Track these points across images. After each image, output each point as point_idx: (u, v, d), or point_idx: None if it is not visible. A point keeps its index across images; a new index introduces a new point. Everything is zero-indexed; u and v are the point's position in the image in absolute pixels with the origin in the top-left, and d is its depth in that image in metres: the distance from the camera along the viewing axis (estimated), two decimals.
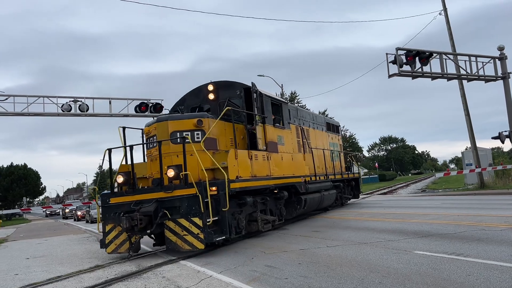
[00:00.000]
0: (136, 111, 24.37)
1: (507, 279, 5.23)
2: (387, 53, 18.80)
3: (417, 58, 18.94)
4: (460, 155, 44.02)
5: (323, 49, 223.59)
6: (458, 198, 21.30)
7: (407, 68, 18.99)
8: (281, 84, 38.40)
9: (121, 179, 9.85)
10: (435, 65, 19.92)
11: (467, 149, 37.86)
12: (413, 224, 11.25)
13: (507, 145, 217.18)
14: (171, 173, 9.04)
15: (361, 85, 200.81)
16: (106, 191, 10.64)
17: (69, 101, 24.05)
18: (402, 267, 6.34)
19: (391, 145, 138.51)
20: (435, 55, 19.77)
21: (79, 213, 34.38)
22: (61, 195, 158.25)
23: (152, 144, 10.49)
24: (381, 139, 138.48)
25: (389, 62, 18.73)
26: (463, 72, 21.26)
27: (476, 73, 21.26)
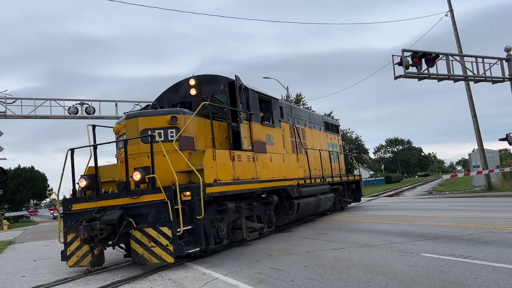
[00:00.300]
0: None
1: None
2: (393, 55, 18.78)
3: (423, 59, 18.89)
4: (467, 157, 43.67)
5: (329, 50, 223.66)
6: (465, 200, 21.15)
7: (413, 69, 18.94)
8: (287, 86, 38.46)
9: (83, 183, 8.80)
10: (441, 67, 19.87)
11: (474, 151, 37.55)
12: (419, 226, 11.18)
13: None
14: (137, 176, 8.00)
15: (367, 87, 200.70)
16: (70, 197, 9.41)
17: (76, 104, 24.28)
18: (408, 270, 6.30)
19: (397, 147, 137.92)
20: (441, 56, 19.71)
21: None
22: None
23: (121, 143, 9.34)
24: (387, 141, 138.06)
25: (395, 63, 18.69)
26: (469, 73, 21.16)
27: (483, 75, 21.15)
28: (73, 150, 9.05)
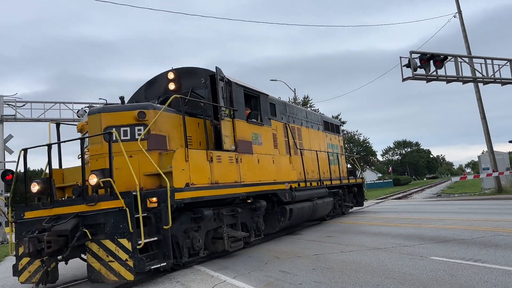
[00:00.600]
0: None
1: None
2: (401, 57, 18.68)
3: (432, 61, 18.77)
4: (476, 159, 43.29)
5: (335, 52, 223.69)
6: (474, 203, 20.97)
7: (421, 71, 18.82)
8: (294, 88, 38.41)
9: (36, 188, 7.78)
10: (450, 68, 19.72)
11: (483, 153, 37.24)
12: (428, 229, 11.10)
13: None
14: (94, 180, 6.99)
15: (375, 89, 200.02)
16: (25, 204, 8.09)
17: (84, 107, 24.44)
18: (418, 273, 6.26)
19: (406, 149, 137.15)
20: (450, 58, 19.57)
21: None
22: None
23: (87, 142, 8.27)
24: (395, 143, 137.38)
25: (403, 65, 18.60)
26: (478, 75, 20.98)
27: (492, 76, 20.96)
28: (26, 150, 8.03)
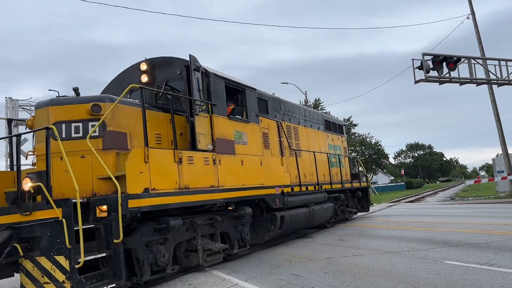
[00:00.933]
0: None
1: None
2: (413, 59, 18.52)
3: (444, 63, 18.59)
4: (490, 162, 42.74)
5: (346, 54, 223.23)
6: (489, 206, 20.68)
7: (434, 73, 18.65)
8: (305, 91, 38.39)
9: None
10: (463, 70, 19.50)
11: (498, 155, 36.77)
12: (442, 233, 10.98)
13: None
14: (28, 185, 5.97)
15: (387, 91, 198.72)
16: None
17: None
18: (432, 278, 6.19)
19: (418, 152, 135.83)
20: (463, 60, 19.36)
21: None
22: None
23: (39, 139, 7.13)
24: (408, 146, 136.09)
25: (415, 67, 18.46)
26: (492, 76, 20.74)
27: (506, 78, 20.68)
28: None
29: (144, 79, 9.26)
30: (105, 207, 6.20)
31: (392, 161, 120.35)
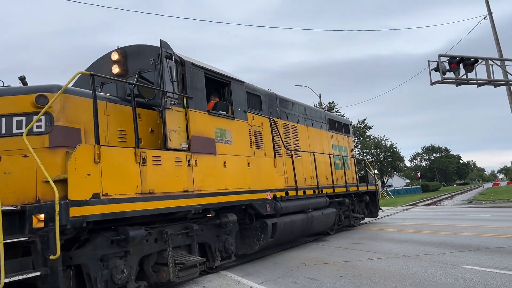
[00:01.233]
0: None
1: None
2: (429, 60, 18.31)
3: (461, 64, 18.33)
4: (509, 165, 42.00)
5: (360, 56, 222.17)
6: (508, 210, 20.27)
7: (450, 75, 18.40)
8: (319, 93, 38.25)
9: None
10: (480, 71, 19.20)
11: None
12: (460, 237, 10.80)
13: None
14: None
15: (402, 93, 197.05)
16: None
17: None
18: (450, 282, 6.09)
19: (434, 155, 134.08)
20: (480, 61, 19.06)
21: None
22: None
23: None
24: (424, 149, 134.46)
25: (431, 69, 18.24)
26: (511, 78, 20.37)
27: None
28: None
29: (115, 70, 8.32)
30: (42, 216, 5.20)
31: (407, 164, 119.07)
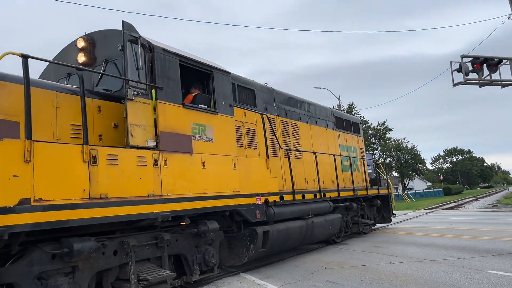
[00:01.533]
0: None
1: None
2: (451, 61, 17.99)
3: (485, 65, 17.96)
4: None
5: (379, 58, 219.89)
6: None
7: (473, 76, 18.04)
8: (338, 95, 38.02)
9: None
10: (505, 72, 18.76)
11: None
12: (484, 241, 10.56)
13: None
14: None
15: (422, 95, 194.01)
16: None
17: None
18: None
19: (457, 157, 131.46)
20: (505, 61, 18.63)
21: None
22: None
23: None
24: (446, 151, 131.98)
25: (454, 70, 17.93)
26: None
27: None
28: None
29: (81, 59, 7.43)
30: None
31: (429, 166, 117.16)
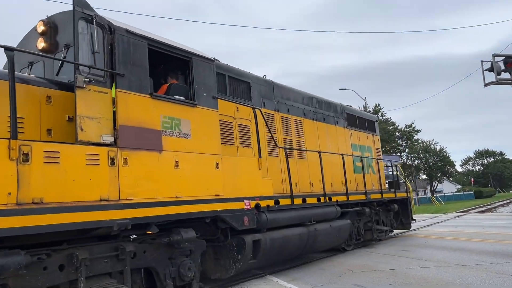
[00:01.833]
0: None
1: None
2: (482, 61, 17.54)
3: None
4: None
5: (404, 58, 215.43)
6: None
7: (505, 75, 17.51)
8: (365, 97, 37.61)
9: None
10: None
11: None
12: None
13: None
14: None
15: (451, 95, 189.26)
16: None
17: None
18: None
19: (488, 159, 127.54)
20: None
21: None
22: None
23: None
24: (476, 153, 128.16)
25: (485, 69, 17.45)
26: None
27: None
28: None
29: (40, 45, 6.52)
30: None
31: (458, 168, 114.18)
